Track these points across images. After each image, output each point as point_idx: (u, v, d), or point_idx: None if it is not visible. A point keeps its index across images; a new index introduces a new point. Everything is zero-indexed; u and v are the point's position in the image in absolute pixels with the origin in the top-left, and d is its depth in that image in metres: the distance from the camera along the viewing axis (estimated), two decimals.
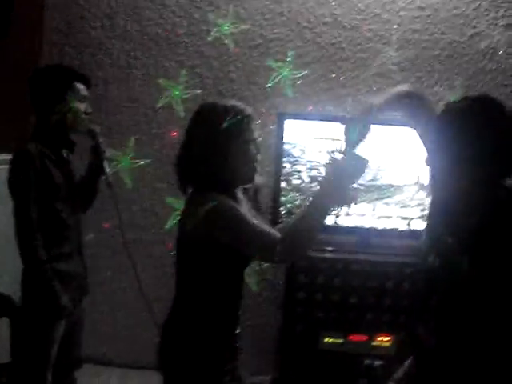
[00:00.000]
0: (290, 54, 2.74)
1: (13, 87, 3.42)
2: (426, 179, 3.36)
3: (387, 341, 3.28)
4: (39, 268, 2.46)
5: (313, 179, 3.39)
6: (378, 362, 3.26)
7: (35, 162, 2.47)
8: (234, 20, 3.63)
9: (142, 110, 3.75)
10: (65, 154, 2.64)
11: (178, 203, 2.34)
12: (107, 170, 2.63)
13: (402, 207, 3.42)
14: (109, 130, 3.75)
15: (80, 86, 2.58)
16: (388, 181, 3.44)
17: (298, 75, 3.56)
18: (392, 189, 3.44)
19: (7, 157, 2.63)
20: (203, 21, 3.67)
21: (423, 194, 3.43)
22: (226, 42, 3.62)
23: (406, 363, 2.23)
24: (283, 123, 3.40)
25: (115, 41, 3.73)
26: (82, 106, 2.57)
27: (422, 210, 3.38)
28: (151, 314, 2.71)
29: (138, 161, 3.39)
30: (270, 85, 3.06)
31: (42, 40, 3.76)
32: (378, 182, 3.43)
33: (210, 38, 3.61)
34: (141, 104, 3.74)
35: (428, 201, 2.17)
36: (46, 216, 2.51)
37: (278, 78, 3.58)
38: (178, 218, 2.16)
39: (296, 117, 3.50)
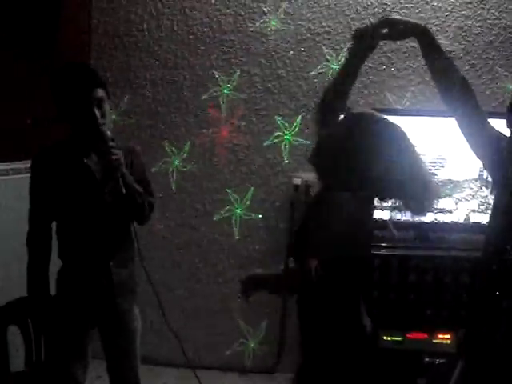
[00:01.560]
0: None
1: None
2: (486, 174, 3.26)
3: (448, 338, 3.18)
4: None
5: None
6: (438, 360, 3.17)
7: (46, 166, 2.35)
8: (281, 15, 3.61)
9: (191, 109, 3.74)
10: (94, 162, 2.39)
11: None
12: (120, 178, 2.32)
13: (460, 200, 3.32)
14: (160, 132, 3.77)
15: (94, 90, 2.27)
16: (447, 176, 3.34)
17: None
18: (451, 185, 3.34)
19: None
20: (249, 18, 3.64)
21: (485, 190, 3.31)
22: (272, 37, 3.62)
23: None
24: None
25: (162, 42, 3.73)
26: (97, 112, 2.27)
27: (482, 204, 3.28)
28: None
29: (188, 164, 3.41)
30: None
31: (90, 45, 3.80)
32: (439, 177, 3.34)
33: (252, 30, 3.62)
34: (190, 104, 3.74)
35: (488, 195, 2.10)
36: (63, 223, 2.40)
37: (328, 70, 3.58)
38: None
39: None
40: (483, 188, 3.31)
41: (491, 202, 2.06)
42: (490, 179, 3.26)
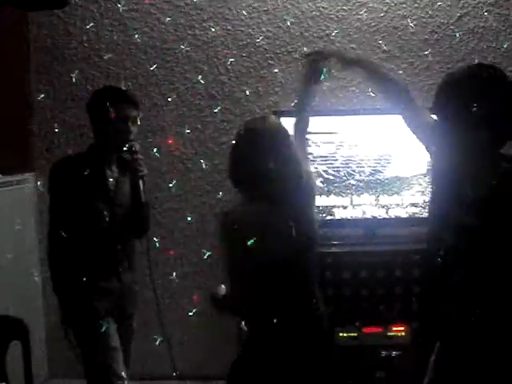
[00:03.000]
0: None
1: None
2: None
3: (402, 330, 3.25)
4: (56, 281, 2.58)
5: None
6: (394, 353, 3.23)
7: (64, 176, 2.53)
8: (221, 21, 3.63)
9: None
10: (113, 174, 2.61)
11: None
12: (141, 188, 2.60)
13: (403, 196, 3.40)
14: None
15: (123, 106, 2.54)
16: (394, 173, 3.40)
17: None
18: (398, 182, 3.40)
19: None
20: (189, 26, 3.66)
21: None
22: (213, 44, 3.64)
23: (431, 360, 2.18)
24: None
25: (103, 53, 3.71)
26: (123, 126, 2.54)
27: (423, 195, 3.36)
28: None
29: None
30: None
31: (29, 57, 3.75)
32: (382, 176, 3.40)
33: (192, 37, 3.64)
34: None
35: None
36: (80, 232, 2.53)
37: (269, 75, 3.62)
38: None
39: (291, 114, 3.47)
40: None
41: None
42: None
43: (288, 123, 3.27)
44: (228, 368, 2.16)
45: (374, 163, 3.40)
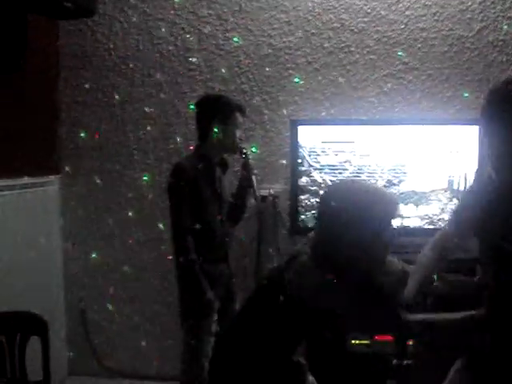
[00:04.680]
0: None
1: (30, 116, 3.56)
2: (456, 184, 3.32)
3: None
4: (188, 266, 2.81)
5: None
6: (406, 361, 3.24)
7: (187, 176, 2.84)
8: (243, 32, 3.72)
9: (158, 127, 3.83)
10: (217, 173, 3.01)
11: None
12: (255, 183, 2.99)
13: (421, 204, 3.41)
14: (127, 148, 3.86)
15: (238, 115, 2.97)
16: (410, 187, 3.39)
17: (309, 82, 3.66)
18: (416, 197, 3.39)
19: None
20: (212, 35, 3.75)
21: (455, 201, 3.28)
22: (235, 54, 3.73)
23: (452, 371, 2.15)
24: (297, 130, 3.45)
25: (129, 61, 3.83)
26: (237, 132, 2.97)
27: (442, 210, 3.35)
28: None
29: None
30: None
31: (58, 66, 3.88)
32: (400, 188, 3.38)
33: (215, 46, 3.74)
34: (157, 122, 3.82)
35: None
36: (198, 225, 2.83)
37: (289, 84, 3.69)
38: None
39: (309, 123, 3.54)
40: (453, 200, 3.33)
41: None
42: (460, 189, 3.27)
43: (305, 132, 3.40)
44: None
45: (390, 174, 3.42)
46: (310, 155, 3.44)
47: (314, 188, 3.45)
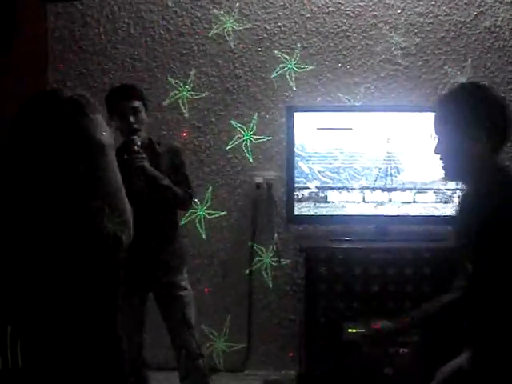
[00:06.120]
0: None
1: (19, 99, 3.45)
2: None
3: None
4: None
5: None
6: (402, 350, 3.23)
7: None
8: (237, 16, 3.64)
9: (150, 112, 3.74)
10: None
11: None
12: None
13: (417, 193, 3.39)
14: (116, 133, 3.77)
15: (123, 102, 2.86)
16: (409, 178, 3.37)
17: (305, 68, 3.60)
18: (415, 191, 3.38)
19: None
20: (206, 19, 3.67)
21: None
22: (229, 38, 3.65)
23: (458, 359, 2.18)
24: (293, 116, 3.39)
25: (119, 45, 3.73)
26: (131, 118, 2.85)
27: (437, 194, 3.35)
28: None
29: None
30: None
31: (47, 49, 3.77)
32: (398, 179, 3.38)
33: (210, 34, 3.65)
34: (149, 106, 3.73)
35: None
36: None
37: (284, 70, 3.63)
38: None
39: (305, 109, 3.49)
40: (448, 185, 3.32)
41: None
42: None
43: (302, 118, 3.35)
44: None
45: (387, 162, 3.39)
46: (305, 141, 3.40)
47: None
